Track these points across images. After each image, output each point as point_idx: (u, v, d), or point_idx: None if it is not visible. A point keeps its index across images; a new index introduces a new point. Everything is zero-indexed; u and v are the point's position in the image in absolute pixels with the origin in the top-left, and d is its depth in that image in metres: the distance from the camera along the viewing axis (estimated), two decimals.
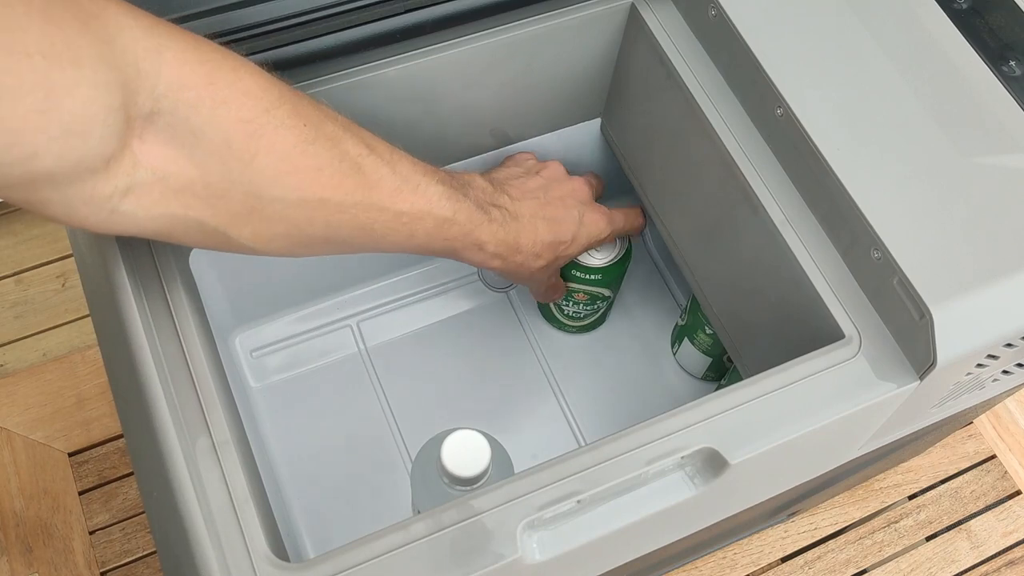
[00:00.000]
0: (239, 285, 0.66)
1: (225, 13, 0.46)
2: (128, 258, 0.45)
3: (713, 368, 0.72)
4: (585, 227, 0.59)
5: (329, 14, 0.48)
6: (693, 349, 0.71)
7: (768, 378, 0.44)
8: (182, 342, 0.43)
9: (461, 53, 0.54)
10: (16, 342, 0.87)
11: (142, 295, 0.44)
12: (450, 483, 0.48)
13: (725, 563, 0.79)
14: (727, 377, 0.71)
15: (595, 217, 0.59)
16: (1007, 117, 0.48)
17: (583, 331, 0.75)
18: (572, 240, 0.58)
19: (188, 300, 0.45)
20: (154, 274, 0.45)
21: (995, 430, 0.88)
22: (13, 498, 0.78)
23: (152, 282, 0.45)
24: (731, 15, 0.50)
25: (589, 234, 0.59)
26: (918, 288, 0.42)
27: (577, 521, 0.42)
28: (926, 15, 0.51)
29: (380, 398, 0.71)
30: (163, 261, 0.46)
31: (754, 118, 0.51)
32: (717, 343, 0.68)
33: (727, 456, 0.42)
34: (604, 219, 0.60)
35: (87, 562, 0.76)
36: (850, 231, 0.46)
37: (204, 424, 0.42)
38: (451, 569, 0.39)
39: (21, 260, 0.91)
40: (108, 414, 0.82)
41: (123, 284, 0.44)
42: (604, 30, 0.57)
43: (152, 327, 0.44)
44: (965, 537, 0.82)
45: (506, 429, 0.62)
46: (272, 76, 0.39)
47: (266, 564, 0.39)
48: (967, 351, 0.44)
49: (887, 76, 0.49)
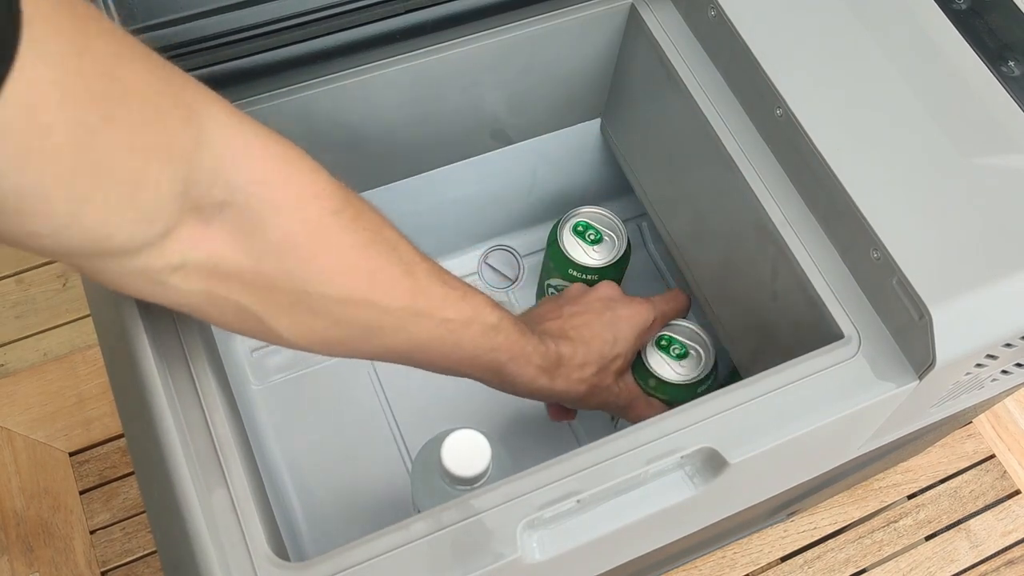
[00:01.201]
0: None
1: (227, 13, 0.46)
2: None
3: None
4: (624, 321, 0.55)
5: (330, 14, 0.48)
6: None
7: (767, 378, 0.44)
8: (183, 341, 0.44)
9: (461, 53, 0.54)
10: (17, 342, 0.87)
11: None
12: (450, 483, 0.48)
13: (725, 562, 0.79)
14: (711, 380, 0.66)
15: (631, 310, 0.56)
16: (1006, 117, 0.48)
17: None
18: (615, 339, 0.54)
19: None
20: None
21: (994, 430, 0.88)
22: (14, 497, 0.78)
23: None
24: (731, 15, 0.50)
25: (632, 325, 0.55)
26: (917, 288, 0.43)
27: (577, 521, 0.42)
28: (925, 15, 0.51)
29: (380, 398, 0.71)
30: None
31: (753, 118, 0.51)
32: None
33: (726, 456, 0.42)
34: (644, 306, 0.57)
35: (88, 561, 0.76)
36: (849, 231, 0.46)
37: (205, 424, 0.42)
38: (451, 568, 0.39)
39: (22, 260, 0.91)
40: (109, 414, 0.82)
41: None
42: (604, 30, 0.57)
43: (153, 327, 0.44)
44: (964, 536, 0.82)
45: (506, 429, 0.62)
46: (337, 180, 0.40)
47: (267, 563, 0.39)
48: (966, 351, 0.44)
49: (886, 76, 0.49)
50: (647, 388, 0.58)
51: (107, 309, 0.46)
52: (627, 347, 0.55)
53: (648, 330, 0.57)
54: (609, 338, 0.54)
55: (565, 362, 0.52)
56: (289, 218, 0.37)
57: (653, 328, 0.57)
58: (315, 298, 0.39)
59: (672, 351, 0.59)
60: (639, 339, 0.56)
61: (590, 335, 0.53)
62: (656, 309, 0.57)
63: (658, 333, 0.59)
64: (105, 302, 0.46)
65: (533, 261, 0.77)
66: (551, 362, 0.51)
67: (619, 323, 0.55)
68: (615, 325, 0.55)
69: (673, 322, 0.60)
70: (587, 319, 0.55)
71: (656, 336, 0.59)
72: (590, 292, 0.57)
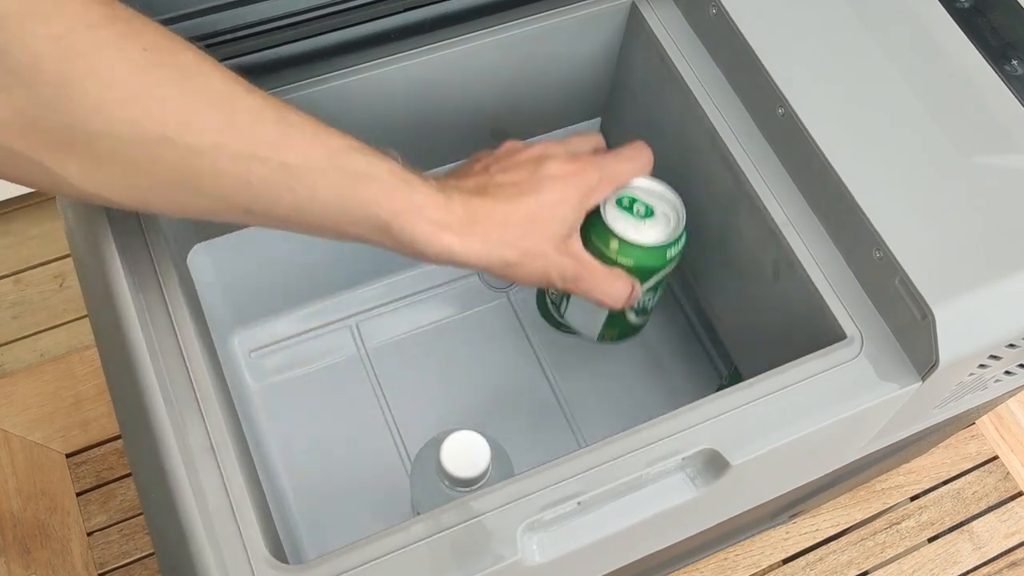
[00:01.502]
0: (238, 284, 0.66)
1: (223, 12, 0.46)
2: (125, 258, 0.45)
3: (612, 324, 0.59)
4: (561, 179, 0.47)
5: (327, 13, 0.48)
6: (583, 302, 0.55)
7: (769, 379, 0.44)
8: (180, 342, 0.43)
9: (461, 52, 0.53)
10: (14, 342, 0.87)
11: (139, 295, 0.44)
12: (450, 484, 0.48)
13: (726, 564, 0.79)
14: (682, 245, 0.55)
15: (570, 167, 0.48)
16: (1009, 116, 0.47)
17: None
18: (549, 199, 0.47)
19: (186, 299, 0.45)
20: (152, 273, 0.45)
21: (997, 431, 0.87)
22: (11, 499, 0.78)
23: (150, 282, 0.45)
24: (732, 14, 0.50)
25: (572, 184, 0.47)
26: (920, 288, 0.42)
27: (578, 522, 0.42)
28: (928, 14, 0.50)
29: (379, 399, 0.71)
30: (161, 260, 0.45)
31: (755, 117, 0.51)
32: None
33: (728, 457, 0.42)
34: (587, 164, 0.48)
35: (85, 563, 0.76)
36: (852, 231, 0.46)
37: (202, 425, 0.41)
38: (451, 571, 0.39)
39: (19, 260, 0.91)
40: (106, 415, 0.82)
41: (120, 284, 0.44)
42: (604, 29, 0.57)
43: (150, 327, 0.43)
44: (967, 538, 0.82)
45: (506, 430, 0.62)
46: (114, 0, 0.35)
47: (264, 566, 0.39)
48: (969, 351, 0.43)
49: (889, 75, 0.48)
50: (609, 253, 0.51)
51: (103, 308, 0.46)
52: (567, 210, 0.47)
53: (593, 191, 0.49)
54: (542, 198, 0.47)
55: (480, 219, 0.44)
56: (29, 37, 0.32)
57: (600, 190, 0.49)
58: (94, 137, 0.35)
59: (636, 211, 0.52)
60: (582, 201, 0.48)
61: (517, 192, 0.46)
62: (602, 168, 0.49)
63: (620, 193, 0.52)
64: (102, 302, 0.46)
65: None
66: (458, 219, 0.44)
67: (554, 181, 0.47)
68: (549, 183, 0.47)
69: (637, 182, 0.53)
70: (516, 176, 0.47)
71: (617, 195, 0.52)
72: (524, 150, 0.49)
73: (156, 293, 0.45)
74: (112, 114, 0.34)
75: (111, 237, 0.45)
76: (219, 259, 0.61)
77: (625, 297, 0.51)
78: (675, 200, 0.53)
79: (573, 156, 0.49)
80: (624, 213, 0.52)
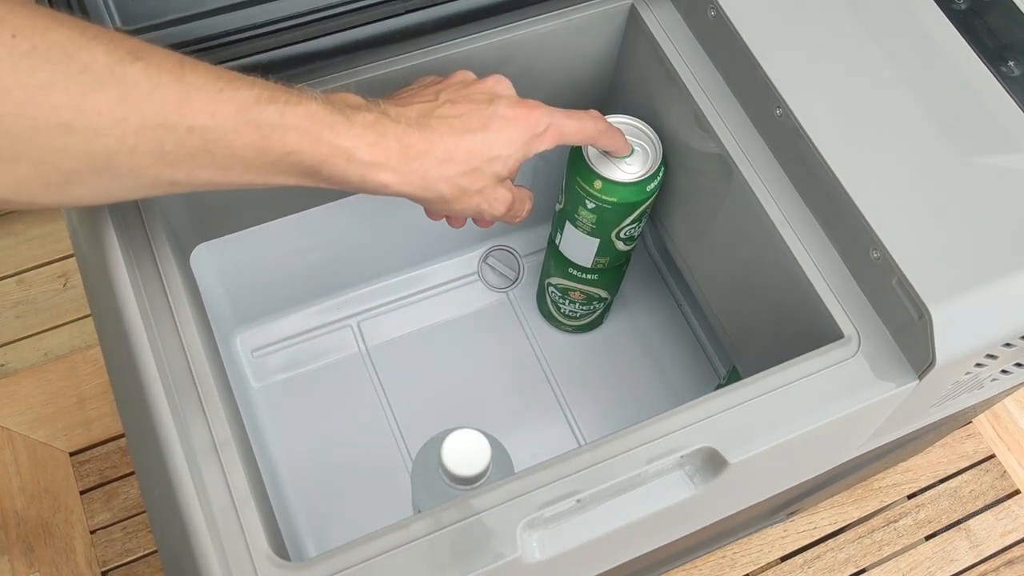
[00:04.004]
0: (240, 285, 0.66)
1: (227, 14, 0.46)
2: (129, 258, 0.45)
3: (603, 252, 0.64)
4: (510, 120, 0.48)
5: (330, 15, 0.48)
6: (576, 232, 0.63)
7: (767, 377, 0.44)
8: (183, 342, 0.44)
9: (461, 54, 0.54)
10: (17, 342, 0.87)
11: (143, 295, 0.44)
12: (450, 482, 0.48)
13: (725, 562, 0.79)
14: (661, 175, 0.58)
15: (520, 110, 0.48)
16: (1006, 117, 0.48)
17: (581, 331, 0.75)
18: (495, 139, 0.47)
19: (189, 299, 0.45)
20: (155, 274, 0.45)
21: (994, 429, 0.88)
22: (14, 497, 0.78)
23: (153, 282, 0.45)
24: (731, 16, 0.50)
25: (519, 128, 0.48)
26: (917, 288, 0.43)
27: (577, 520, 0.42)
28: (925, 15, 0.51)
29: (380, 398, 0.71)
30: (164, 260, 0.46)
31: (753, 118, 0.51)
32: (602, 220, 0.60)
33: (726, 455, 0.42)
34: (537, 109, 0.49)
35: (88, 561, 0.76)
36: (849, 231, 0.46)
37: (205, 424, 0.42)
38: (451, 568, 0.39)
39: (22, 260, 0.91)
40: (109, 414, 0.82)
41: (124, 284, 0.44)
42: (604, 31, 0.57)
43: (153, 327, 0.44)
44: (964, 536, 0.82)
45: (506, 429, 0.62)
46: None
47: (267, 563, 0.39)
48: (966, 351, 0.44)
49: (886, 76, 0.49)
50: (593, 191, 0.56)
51: (106, 308, 0.46)
52: (510, 150, 0.47)
53: (538, 138, 0.49)
54: (488, 136, 0.47)
55: (420, 155, 0.44)
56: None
57: (545, 138, 0.49)
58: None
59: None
60: (527, 145, 0.48)
61: (462, 127, 0.46)
62: (551, 117, 0.49)
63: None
64: (106, 302, 0.46)
65: (533, 261, 0.77)
66: (394, 155, 0.43)
67: (503, 121, 0.47)
68: (497, 122, 0.47)
69: (613, 119, 0.56)
70: (464, 109, 0.47)
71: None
72: (477, 82, 0.49)
73: (159, 293, 0.45)
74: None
75: (114, 237, 0.45)
76: (221, 259, 0.61)
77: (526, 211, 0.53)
78: (651, 134, 0.57)
79: (523, 100, 0.49)
80: (605, 153, 0.56)
